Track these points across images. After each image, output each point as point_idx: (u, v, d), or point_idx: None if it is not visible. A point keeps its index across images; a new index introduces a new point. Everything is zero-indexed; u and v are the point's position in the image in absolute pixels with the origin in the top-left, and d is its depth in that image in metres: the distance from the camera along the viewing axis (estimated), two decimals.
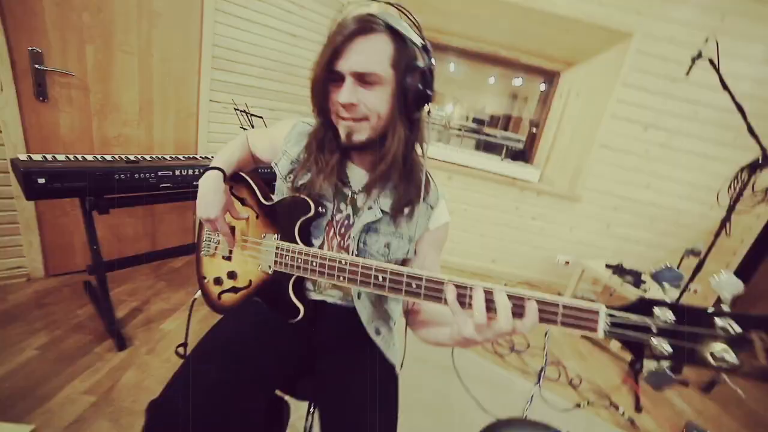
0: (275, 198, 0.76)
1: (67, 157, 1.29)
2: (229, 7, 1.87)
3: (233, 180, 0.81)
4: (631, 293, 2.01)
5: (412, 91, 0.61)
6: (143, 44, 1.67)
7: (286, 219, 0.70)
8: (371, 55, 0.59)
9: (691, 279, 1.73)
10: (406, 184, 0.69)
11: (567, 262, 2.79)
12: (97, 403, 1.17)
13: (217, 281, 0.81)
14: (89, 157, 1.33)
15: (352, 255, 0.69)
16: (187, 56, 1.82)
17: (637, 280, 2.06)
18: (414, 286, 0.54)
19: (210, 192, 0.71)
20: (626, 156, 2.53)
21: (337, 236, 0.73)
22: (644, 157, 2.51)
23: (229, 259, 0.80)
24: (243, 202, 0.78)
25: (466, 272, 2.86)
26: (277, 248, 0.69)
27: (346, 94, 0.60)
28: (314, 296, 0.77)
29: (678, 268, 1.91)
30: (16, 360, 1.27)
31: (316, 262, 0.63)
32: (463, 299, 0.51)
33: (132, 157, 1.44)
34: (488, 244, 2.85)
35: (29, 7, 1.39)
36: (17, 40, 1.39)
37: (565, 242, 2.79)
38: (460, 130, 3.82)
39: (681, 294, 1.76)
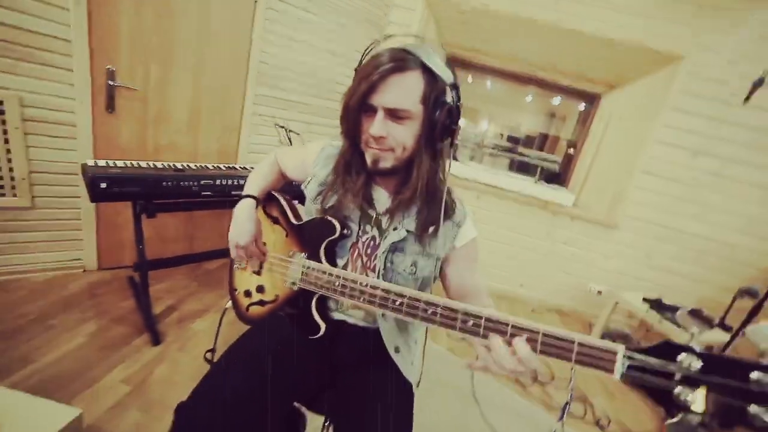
0: (305, 218, 0.81)
1: (125, 163, 1.43)
2: (276, 27, 2.00)
3: (267, 199, 0.87)
4: (671, 332, 1.87)
5: (439, 125, 0.65)
6: (198, 61, 1.82)
7: (313, 239, 0.74)
8: (404, 92, 0.63)
9: (746, 323, 1.58)
10: (429, 206, 0.72)
11: (599, 292, 2.65)
12: (132, 393, 1.26)
13: (247, 294, 0.86)
14: (143, 164, 1.47)
15: (379, 274, 0.73)
16: (235, 72, 1.96)
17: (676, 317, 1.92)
18: (430, 312, 0.56)
19: (243, 221, 0.78)
20: (672, 184, 2.38)
21: (363, 257, 0.75)
22: (692, 185, 2.36)
23: (258, 273, 0.84)
24: (275, 220, 0.83)
25: (493, 295, 2.77)
26: (303, 266, 0.73)
27: (377, 127, 0.63)
28: (336, 315, 0.80)
29: (729, 309, 1.75)
30: (71, 343, 1.40)
31: (339, 283, 0.66)
32: (477, 330, 0.52)
33: (179, 165, 1.56)
34: (516, 268, 2.77)
35: (112, 31, 1.57)
36: (98, 60, 1.57)
37: (598, 270, 2.65)
38: (494, 148, 3.77)
39: (732, 339, 1.62)
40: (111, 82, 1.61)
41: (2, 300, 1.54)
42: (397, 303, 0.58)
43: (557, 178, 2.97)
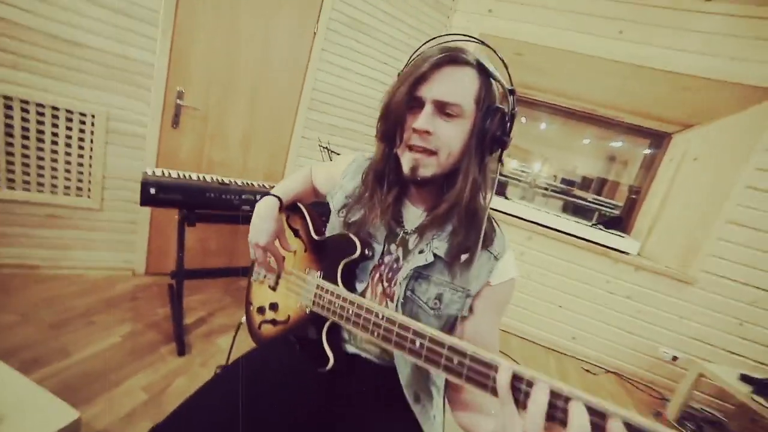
0: (327, 233, 0.75)
1: (179, 174, 1.52)
2: (331, 57, 2.11)
3: (290, 210, 0.83)
4: None
5: (490, 133, 0.58)
6: (255, 86, 1.96)
7: (331, 257, 0.67)
8: (457, 86, 0.56)
9: None
10: (466, 228, 0.61)
11: (675, 358, 2.23)
12: (148, 402, 1.24)
13: (260, 310, 0.80)
14: (194, 176, 1.55)
15: (398, 303, 0.63)
16: (288, 97, 2.07)
17: None
18: (456, 362, 0.44)
19: (263, 218, 0.73)
20: (766, 237, 2.00)
21: (384, 281, 0.66)
22: None
23: (274, 289, 0.79)
24: (296, 233, 0.79)
25: (539, 346, 2.48)
26: (317, 287, 0.66)
27: (424, 119, 0.56)
28: (350, 348, 0.71)
29: None
30: (104, 342, 1.44)
31: (352, 311, 0.58)
32: (518, 393, 0.39)
33: (226, 180, 1.63)
34: (568, 318, 2.46)
35: (186, 57, 1.75)
36: (172, 82, 1.75)
37: (672, 333, 2.25)
38: (546, 189, 3.55)
39: None
40: (179, 101, 1.77)
41: (58, 291, 1.66)
42: (417, 345, 0.48)
43: (618, 224, 2.67)
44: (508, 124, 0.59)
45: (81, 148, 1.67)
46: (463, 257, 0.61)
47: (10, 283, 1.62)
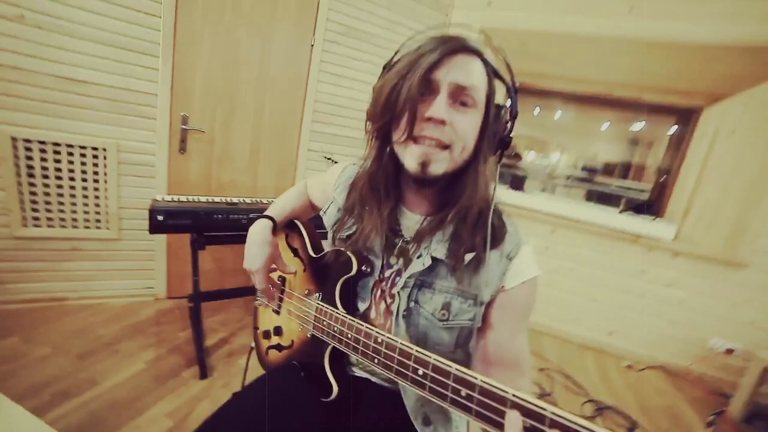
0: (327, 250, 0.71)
1: (188, 198, 1.53)
2: (331, 68, 2.09)
3: (289, 228, 0.79)
4: None
5: (499, 131, 0.55)
6: (258, 103, 1.96)
7: (329, 277, 0.63)
8: (473, 72, 0.52)
9: None
10: (470, 227, 0.55)
11: (730, 350, 2.04)
12: (173, 429, 1.24)
13: (266, 335, 0.77)
14: (203, 199, 1.56)
15: (399, 317, 0.57)
16: (292, 111, 2.07)
17: None
18: (464, 395, 0.38)
19: (255, 243, 0.69)
20: None
21: (386, 297, 0.61)
22: None
23: (278, 313, 0.76)
24: (295, 252, 0.75)
25: (574, 343, 2.34)
26: (316, 310, 0.62)
27: (438, 107, 0.50)
28: (358, 372, 0.66)
29: None
30: (130, 369, 1.45)
31: (351, 335, 0.53)
32: None
33: (235, 200, 1.63)
34: (603, 312, 2.31)
35: (188, 83, 1.78)
36: (175, 108, 1.78)
37: (723, 322, 2.06)
38: (567, 179, 3.39)
39: None
40: (184, 127, 1.80)
41: (86, 322, 1.70)
42: (419, 374, 0.42)
43: (648, 209, 2.49)
44: (510, 124, 0.55)
45: (96, 181, 1.72)
46: (468, 257, 0.54)
47: (43, 317, 1.68)
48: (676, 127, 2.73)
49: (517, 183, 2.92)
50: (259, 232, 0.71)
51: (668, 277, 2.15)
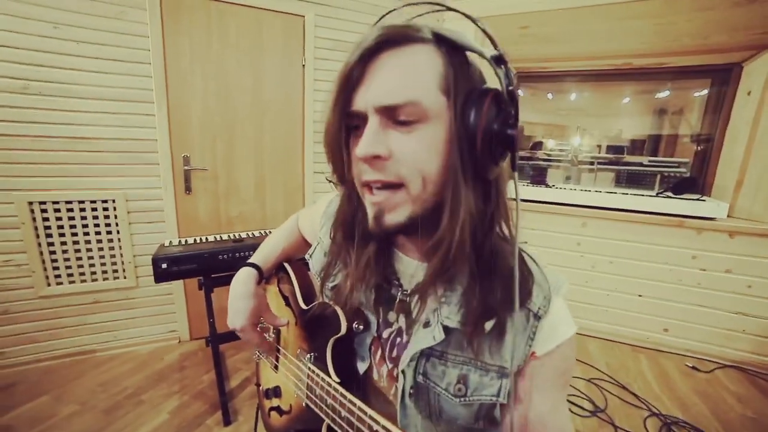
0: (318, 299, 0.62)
1: (195, 240, 1.50)
2: (325, 85, 2.04)
3: (283, 271, 0.71)
4: None
5: (484, 133, 0.36)
6: (257, 133, 1.93)
7: (319, 334, 0.54)
8: (404, 75, 0.37)
9: None
10: (484, 282, 0.42)
11: None
12: None
13: (267, 394, 0.69)
14: (210, 238, 1.52)
15: (405, 397, 0.46)
16: (292, 135, 2.02)
17: None
18: None
19: (237, 297, 0.60)
20: None
21: (387, 361, 0.50)
22: None
23: (276, 371, 0.67)
24: (287, 301, 0.66)
25: (623, 345, 2.11)
26: (308, 375, 0.52)
27: (367, 140, 0.37)
28: None
29: None
30: (154, 421, 1.43)
31: (344, 413, 0.43)
32: None
33: (243, 235, 1.59)
34: (653, 308, 2.07)
35: (185, 123, 1.78)
36: (176, 150, 1.78)
37: None
38: (592, 163, 3.15)
39: None
40: (186, 167, 1.79)
41: (113, 372, 1.70)
42: None
43: (691, 185, 2.24)
44: (510, 110, 0.36)
45: (109, 232, 1.74)
46: (488, 325, 0.42)
47: (74, 371, 1.70)
48: (711, 89, 2.46)
49: (538, 177, 2.73)
50: (242, 283, 0.63)
51: (726, 261, 1.90)
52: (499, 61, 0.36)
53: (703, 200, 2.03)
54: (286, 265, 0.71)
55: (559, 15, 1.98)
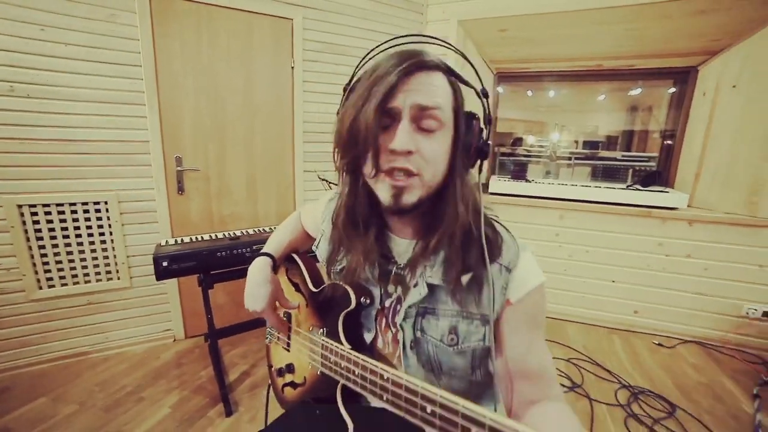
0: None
1: (190, 239, 1.54)
2: (314, 86, 2.10)
3: (289, 262, 0.78)
4: None
5: (475, 142, 0.53)
6: (248, 134, 1.98)
7: (330, 311, 0.62)
8: (434, 90, 0.49)
9: None
10: (462, 247, 0.53)
11: (766, 314, 1.96)
12: None
13: (280, 372, 0.76)
14: (205, 236, 1.57)
15: (406, 349, 0.56)
16: (282, 136, 2.08)
17: None
18: None
19: (256, 283, 0.68)
20: None
21: (390, 327, 0.59)
22: None
23: (288, 350, 0.75)
24: (297, 287, 0.74)
25: (599, 328, 2.27)
26: (322, 347, 0.60)
27: (403, 137, 0.47)
28: (376, 402, 0.64)
29: None
30: (156, 416, 1.46)
31: (357, 372, 0.51)
32: None
33: (238, 233, 1.64)
34: (625, 292, 2.24)
35: (177, 124, 1.81)
36: (168, 151, 1.81)
37: (755, 285, 1.99)
38: (569, 159, 3.32)
39: None
40: (179, 168, 1.82)
41: (110, 372, 1.72)
42: (428, 411, 0.40)
43: (657, 178, 2.42)
44: (485, 131, 0.54)
45: (101, 234, 1.75)
46: (465, 278, 0.52)
47: (69, 373, 1.70)
48: (675, 88, 2.66)
49: (519, 172, 2.87)
50: (259, 270, 0.70)
51: (687, 247, 2.08)
52: (484, 95, 0.53)
53: (667, 192, 2.21)
54: (294, 255, 0.78)
55: (535, 19, 2.10)
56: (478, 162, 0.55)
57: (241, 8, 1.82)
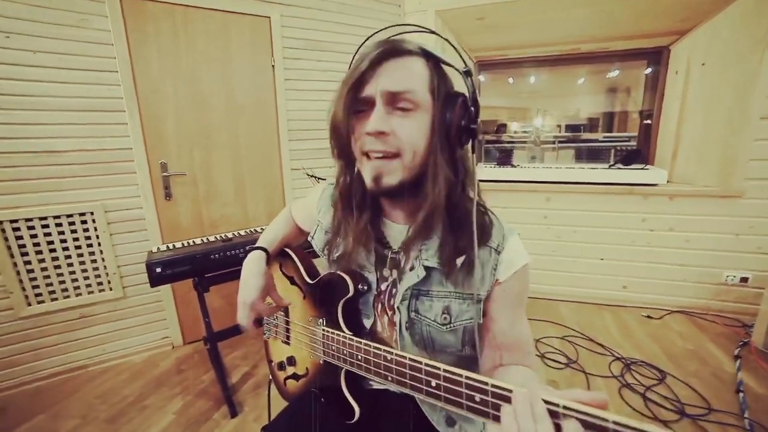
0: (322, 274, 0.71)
1: (182, 243, 1.53)
2: (296, 84, 2.09)
3: (282, 257, 0.79)
4: None
5: (456, 124, 0.52)
6: (232, 135, 1.96)
7: (329, 300, 0.63)
8: (406, 74, 0.51)
9: None
10: (455, 232, 0.55)
11: (744, 279, 2.05)
12: None
13: (281, 366, 0.78)
14: (197, 240, 1.56)
15: (402, 330, 0.58)
16: (267, 135, 2.06)
17: None
18: (478, 399, 0.39)
19: (251, 274, 0.69)
20: None
21: (387, 310, 0.62)
22: None
23: (288, 343, 0.76)
24: (292, 280, 0.75)
25: (590, 305, 2.34)
26: (322, 336, 0.62)
27: (375, 119, 0.50)
28: (376, 384, 0.66)
29: None
30: (160, 423, 1.46)
31: (360, 356, 0.53)
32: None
33: (230, 235, 1.63)
34: (613, 269, 2.32)
35: (160, 130, 1.78)
36: (152, 157, 1.78)
37: (732, 253, 2.08)
38: (553, 143, 3.38)
39: None
40: (165, 174, 1.79)
41: (110, 384, 1.70)
42: (433, 385, 0.43)
43: (637, 157, 2.49)
44: (473, 109, 0.53)
45: (90, 245, 1.72)
46: (459, 261, 0.55)
47: (67, 389, 1.68)
48: (649, 69, 2.73)
49: (504, 158, 2.92)
50: (253, 262, 0.71)
51: (669, 221, 2.15)
52: (467, 73, 0.52)
53: (647, 169, 2.28)
54: (288, 249, 0.79)
55: (511, 6, 2.13)
56: (470, 143, 0.55)
57: (216, 8, 1.80)
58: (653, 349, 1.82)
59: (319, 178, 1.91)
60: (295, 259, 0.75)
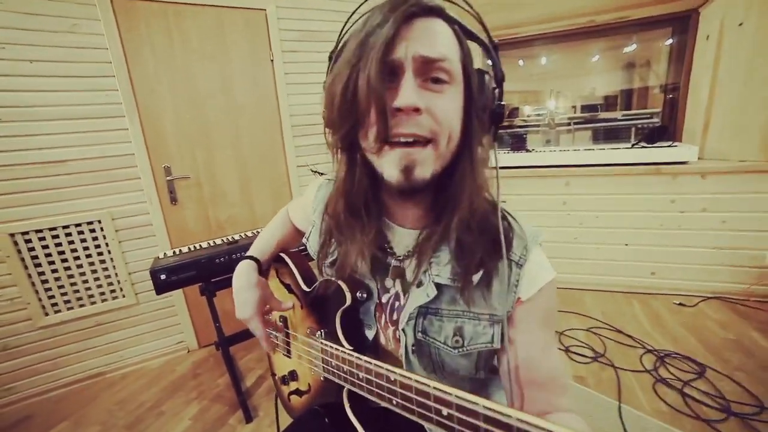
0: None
1: (189, 248, 1.50)
2: (296, 77, 2.02)
3: (278, 262, 0.73)
4: None
5: (488, 103, 0.44)
6: (235, 135, 1.92)
7: (326, 311, 0.57)
8: (440, 39, 0.41)
9: None
10: (473, 237, 0.46)
11: None
12: None
13: (284, 380, 0.72)
14: (204, 244, 1.52)
15: (409, 352, 0.50)
16: (270, 132, 2.01)
17: None
18: None
19: (242, 288, 0.62)
20: None
21: (390, 324, 0.54)
22: None
23: (289, 356, 0.70)
24: (289, 288, 0.69)
25: (617, 294, 2.21)
26: (321, 350, 0.56)
27: (407, 91, 0.39)
28: (385, 403, 0.59)
29: None
30: (177, 429, 1.45)
31: (361, 375, 0.46)
32: None
33: (236, 237, 1.59)
34: (640, 254, 2.17)
35: (161, 133, 1.75)
36: (156, 162, 1.76)
37: None
38: (569, 124, 3.21)
39: None
40: (169, 178, 1.77)
41: (127, 390, 1.71)
42: (444, 414, 0.35)
43: (663, 134, 2.32)
44: (498, 90, 0.45)
45: (100, 254, 1.72)
46: (476, 277, 0.46)
47: (87, 395, 1.70)
48: (672, 38, 2.53)
49: (518, 143, 2.78)
50: (242, 275, 0.64)
51: (701, 201, 1.99)
52: (494, 48, 0.45)
53: (675, 146, 2.11)
54: (283, 255, 0.73)
55: None
56: (493, 128, 0.46)
57: (208, 3, 1.74)
58: (689, 340, 1.68)
59: (320, 173, 1.85)
60: (290, 264, 0.69)
